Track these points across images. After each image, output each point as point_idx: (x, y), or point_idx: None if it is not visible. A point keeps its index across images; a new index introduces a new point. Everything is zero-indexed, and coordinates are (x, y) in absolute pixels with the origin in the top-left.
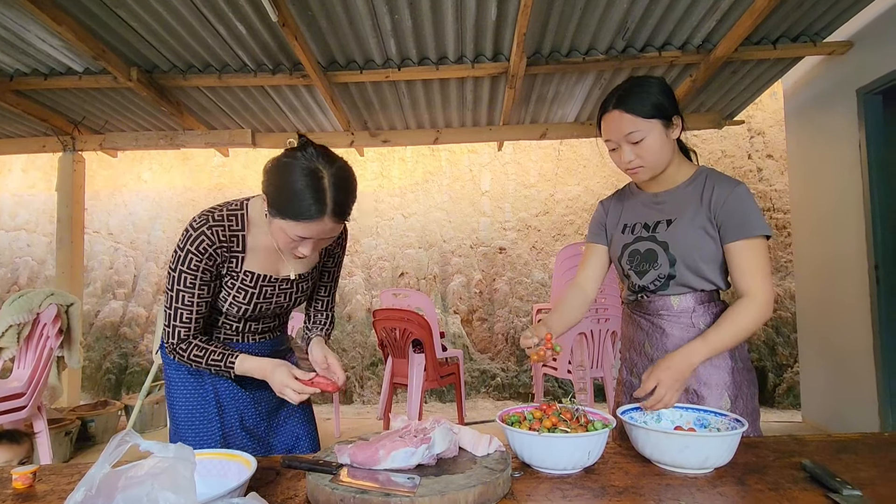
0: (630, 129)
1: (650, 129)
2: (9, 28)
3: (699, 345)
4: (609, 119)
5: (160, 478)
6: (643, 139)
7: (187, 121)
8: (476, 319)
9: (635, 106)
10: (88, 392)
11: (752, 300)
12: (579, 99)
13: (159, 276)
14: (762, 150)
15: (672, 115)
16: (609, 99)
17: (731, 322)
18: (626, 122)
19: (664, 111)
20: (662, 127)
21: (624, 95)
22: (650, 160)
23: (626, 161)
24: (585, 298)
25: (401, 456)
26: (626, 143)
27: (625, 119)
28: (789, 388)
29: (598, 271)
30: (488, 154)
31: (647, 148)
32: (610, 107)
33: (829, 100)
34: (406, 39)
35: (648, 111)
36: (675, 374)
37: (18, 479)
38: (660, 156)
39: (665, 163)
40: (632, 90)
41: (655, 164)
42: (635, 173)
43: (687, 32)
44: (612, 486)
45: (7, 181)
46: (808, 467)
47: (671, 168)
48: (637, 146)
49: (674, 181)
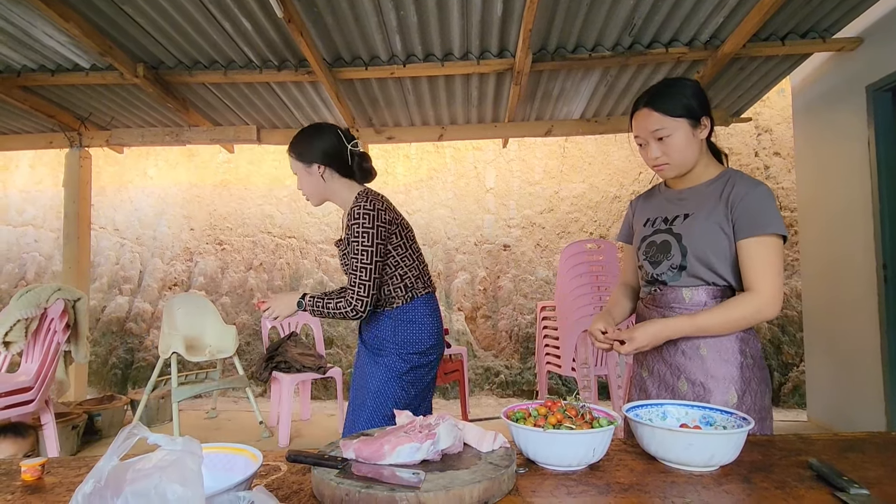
0: (657, 127)
1: (676, 127)
2: (16, 24)
3: (683, 319)
4: (639, 116)
5: (168, 471)
6: (669, 137)
7: (193, 117)
8: (480, 317)
9: (664, 105)
10: (95, 386)
11: (754, 294)
12: (585, 96)
13: (165, 272)
14: (769, 148)
15: (701, 116)
16: (641, 97)
17: (724, 308)
18: (653, 120)
19: (693, 112)
20: (689, 127)
21: (655, 95)
22: (675, 157)
23: (652, 157)
24: (634, 291)
25: (406, 451)
26: (653, 140)
27: (653, 117)
28: (795, 387)
29: (637, 268)
30: (493, 151)
31: (672, 146)
32: (641, 105)
33: (837, 97)
34: (411, 36)
35: (676, 111)
36: (649, 336)
37: (27, 472)
38: (685, 154)
39: (691, 161)
40: (663, 90)
41: (681, 162)
42: (661, 170)
43: (694, 28)
44: (617, 482)
45: (15, 177)
46: (814, 466)
47: (698, 167)
48: (663, 143)
49: (699, 179)
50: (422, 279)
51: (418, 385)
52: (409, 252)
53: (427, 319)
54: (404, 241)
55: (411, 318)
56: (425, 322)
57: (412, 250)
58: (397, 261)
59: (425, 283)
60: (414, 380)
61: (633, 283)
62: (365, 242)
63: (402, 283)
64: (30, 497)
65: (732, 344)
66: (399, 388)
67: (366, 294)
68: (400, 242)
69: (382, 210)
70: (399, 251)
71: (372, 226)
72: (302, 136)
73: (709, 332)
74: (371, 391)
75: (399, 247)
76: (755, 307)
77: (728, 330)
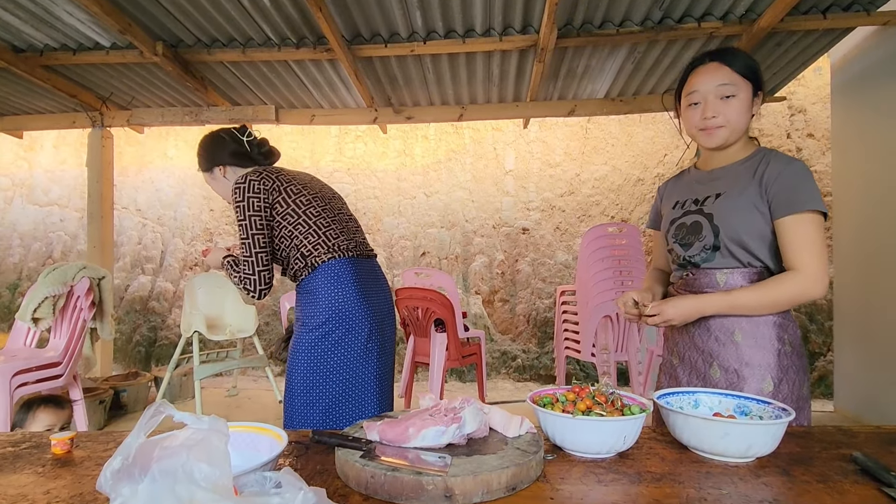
0: (725, 81)
1: (742, 88)
2: (38, 2)
3: (717, 296)
4: (704, 70)
5: (194, 450)
6: (733, 96)
7: (211, 97)
8: (498, 300)
9: (735, 61)
10: (120, 363)
11: (796, 273)
12: (610, 74)
13: (185, 251)
14: (802, 129)
15: (759, 88)
16: (705, 55)
17: (763, 286)
18: (722, 74)
19: (756, 78)
20: (751, 93)
21: (724, 52)
22: (734, 119)
23: (708, 115)
24: (666, 275)
25: (431, 434)
26: (715, 98)
27: (723, 70)
28: (821, 377)
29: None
30: (513, 132)
31: (734, 107)
32: (707, 59)
33: (881, 74)
34: (433, 11)
35: (745, 70)
36: (680, 310)
37: (57, 445)
38: (742, 119)
39: (742, 130)
40: (731, 50)
41: (736, 126)
42: (712, 134)
43: (729, 1)
44: (649, 472)
45: (40, 157)
46: (859, 460)
47: (736, 145)
48: (725, 102)
49: (733, 158)
50: (323, 245)
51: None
52: (302, 219)
53: (323, 289)
54: (293, 207)
55: (309, 289)
56: (320, 292)
57: (307, 216)
58: (289, 230)
59: (329, 249)
60: (317, 361)
61: (665, 268)
62: (240, 217)
63: (299, 252)
64: (60, 470)
65: (769, 330)
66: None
67: (251, 272)
68: (287, 210)
69: (256, 181)
70: (289, 219)
71: (243, 198)
72: (199, 149)
73: (745, 311)
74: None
75: (288, 215)
76: (799, 286)
77: (767, 310)
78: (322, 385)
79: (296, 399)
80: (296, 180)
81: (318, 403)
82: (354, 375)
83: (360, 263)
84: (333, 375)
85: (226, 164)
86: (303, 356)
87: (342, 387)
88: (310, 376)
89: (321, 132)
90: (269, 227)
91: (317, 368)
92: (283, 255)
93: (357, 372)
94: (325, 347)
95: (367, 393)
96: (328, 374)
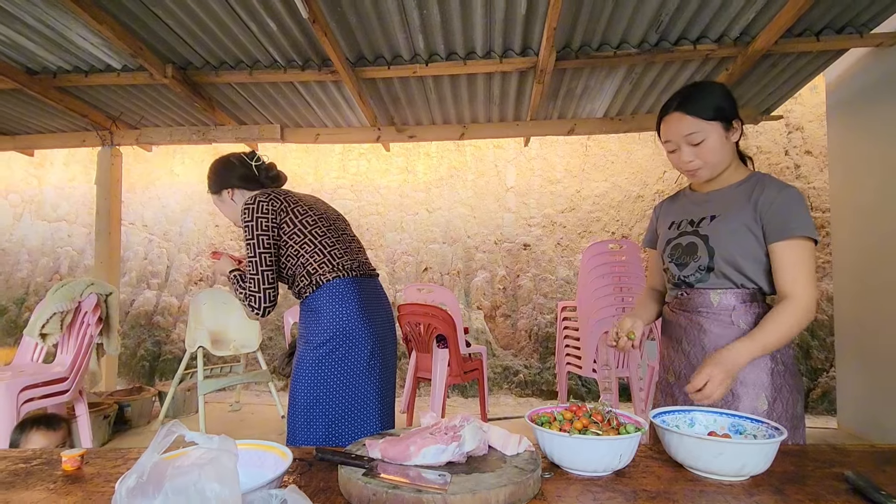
0: (691, 131)
1: (710, 130)
2: (53, 27)
3: (747, 343)
4: (670, 121)
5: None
6: (703, 141)
7: (219, 116)
8: (499, 315)
9: (696, 108)
10: (124, 378)
11: (793, 302)
12: (609, 94)
13: (191, 267)
14: (800, 147)
15: (732, 118)
16: (670, 102)
17: (776, 323)
18: (686, 124)
19: (724, 114)
20: (722, 129)
21: (686, 98)
22: (710, 159)
23: (685, 161)
24: (661, 295)
25: (431, 452)
26: (686, 145)
27: (685, 121)
28: (824, 393)
29: (662, 272)
30: (514, 150)
31: (707, 149)
32: (671, 109)
33: (874, 94)
34: (434, 34)
35: (709, 113)
36: (725, 370)
37: (67, 462)
38: (719, 156)
39: (724, 164)
40: (693, 93)
41: (715, 164)
42: (693, 174)
43: (724, 24)
44: (644, 490)
45: (49, 174)
46: (850, 479)
47: (728, 170)
48: (697, 148)
49: (727, 182)
50: (328, 265)
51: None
52: (308, 238)
53: (327, 307)
54: (299, 227)
55: (313, 307)
56: (324, 310)
57: (313, 235)
58: (296, 249)
59: (333, 268)
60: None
61: (660, 287)
62: (248, 237)
63: (305, 270)
64: (70, 486)
65: None
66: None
67: (256, 289)
68: (294, 230)
69: (265, 202)
70: (296, 238)
71: (251, 218)
72: (209, 173)
73: (772, 350)
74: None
75: (295, 234)
76: (800, 315)
77: (787, 342)
78: (325, 402)
79: (298, 415)
80: (302, 202)
81: (320, 420)
82: (357, 393)
83: (363, 283)
84: (336, 393)
85: (234, 188)
86: (306, 373)
87: (344, 404)
88: (313, 393)
89: (325, 150)
90: (277, 247)
91: (320, 386)
92: (290, 273)
93: (359, 389)
94: (329, 365)
95: (368, 410)
96: (331, 391)
